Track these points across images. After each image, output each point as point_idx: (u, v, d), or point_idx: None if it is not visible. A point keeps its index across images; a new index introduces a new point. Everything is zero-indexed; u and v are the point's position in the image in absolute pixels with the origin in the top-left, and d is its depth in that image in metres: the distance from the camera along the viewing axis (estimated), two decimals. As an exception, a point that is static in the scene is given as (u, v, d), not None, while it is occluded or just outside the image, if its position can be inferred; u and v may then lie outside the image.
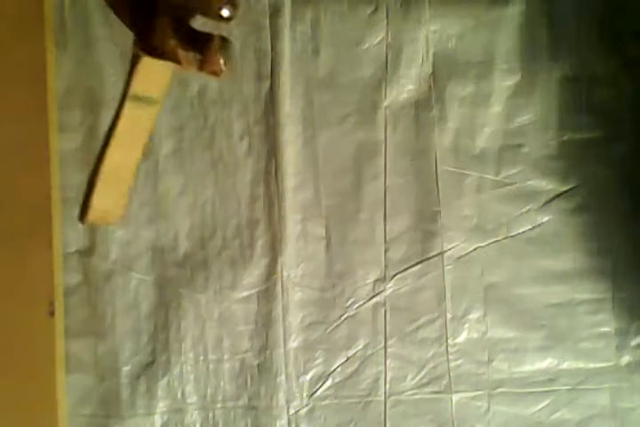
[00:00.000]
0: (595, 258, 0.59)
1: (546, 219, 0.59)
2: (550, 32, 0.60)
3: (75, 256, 0.58)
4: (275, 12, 0.59)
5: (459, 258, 0.59)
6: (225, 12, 0.46)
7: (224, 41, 0.49)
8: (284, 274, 0.58)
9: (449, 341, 0.59)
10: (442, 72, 0.60)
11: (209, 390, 0.59)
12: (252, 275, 0.59)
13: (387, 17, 0.59)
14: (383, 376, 0.59)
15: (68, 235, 0.58)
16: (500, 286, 0.59)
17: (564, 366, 0.58)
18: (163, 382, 0.58)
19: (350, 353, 0.59)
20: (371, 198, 0.59)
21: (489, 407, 0.58)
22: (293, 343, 0.59)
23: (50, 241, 0.55)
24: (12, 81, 0.53)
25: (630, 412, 0.58)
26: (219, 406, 0.59)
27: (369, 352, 0.59)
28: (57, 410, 0.56)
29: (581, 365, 0.58)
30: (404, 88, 0.60)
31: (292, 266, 0.58)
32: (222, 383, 0.59)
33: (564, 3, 0.60)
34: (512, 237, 0.59)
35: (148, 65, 0.50)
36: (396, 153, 0.60)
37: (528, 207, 0.60)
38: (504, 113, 0.60)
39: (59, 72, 0.57)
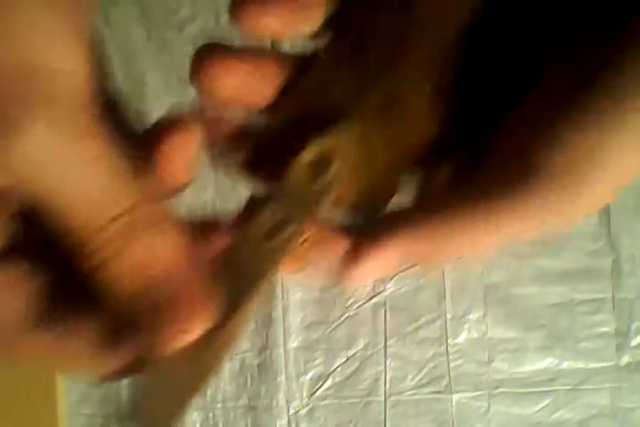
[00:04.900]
0: (595, 258, 0.59)
1: (546, 219, 0.59)
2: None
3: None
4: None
5: (459, 258, 0.59)
6: None
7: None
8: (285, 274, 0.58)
9: (449, 341, 0.58)
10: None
11: (209, 390, 0.59)
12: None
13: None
14: (383, 376, 0.58)
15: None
16: (499, 286, 0.59)
17: (564, 366, 0.58)
18: (163, 382, 0.58)
19: (350, 353, 0.59)
20: (371, 198, 0.59)
21: (489, 407, 0.58)
22: (293, 343, 0.59)
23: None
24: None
25: (630, 412, 0.58)
26: (219, 406, 0.59)
27: (369, 352, 0.59)
28: (57, 410, 0.56)
29: (581, 365, 0.58)
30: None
31: (292, 266, 0.58)
32: (222, 383, 0.59)
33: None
34: (512, 237, 0.59)
35: None
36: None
37: (528, 207, 0.59)
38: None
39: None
